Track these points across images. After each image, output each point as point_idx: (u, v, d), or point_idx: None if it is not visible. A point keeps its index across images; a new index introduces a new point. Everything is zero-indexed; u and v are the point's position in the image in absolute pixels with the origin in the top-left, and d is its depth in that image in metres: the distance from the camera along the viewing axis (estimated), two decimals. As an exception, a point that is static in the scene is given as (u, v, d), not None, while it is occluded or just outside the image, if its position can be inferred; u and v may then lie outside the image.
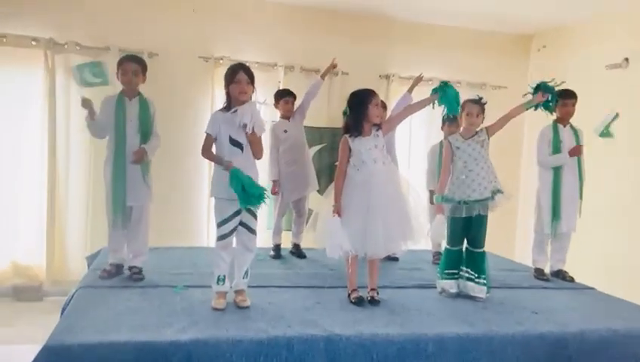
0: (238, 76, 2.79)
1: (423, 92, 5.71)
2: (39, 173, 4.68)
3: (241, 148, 2.80)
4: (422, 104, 3.30)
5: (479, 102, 3.36)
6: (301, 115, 4.21)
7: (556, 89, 3.58)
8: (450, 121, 4.09)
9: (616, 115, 3.86)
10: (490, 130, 3.38)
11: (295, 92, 4.56)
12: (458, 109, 3.32)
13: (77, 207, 4.78)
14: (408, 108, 3.36)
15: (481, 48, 5.98)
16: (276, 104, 4.26)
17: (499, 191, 3.27)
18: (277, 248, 4.19)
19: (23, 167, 4.70)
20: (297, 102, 4.29)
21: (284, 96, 4.24)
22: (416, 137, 5.85)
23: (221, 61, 5.14)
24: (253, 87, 2.87)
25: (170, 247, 3.94)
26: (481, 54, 5.98)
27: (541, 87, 3.57)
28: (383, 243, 2.93)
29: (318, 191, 4.35)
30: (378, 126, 3.08)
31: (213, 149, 2.87)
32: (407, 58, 5.79)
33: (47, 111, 4.66)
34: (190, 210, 5.09)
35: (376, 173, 3.00)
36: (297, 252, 4.22)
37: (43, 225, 4.68)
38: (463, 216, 3.27)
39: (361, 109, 3.02)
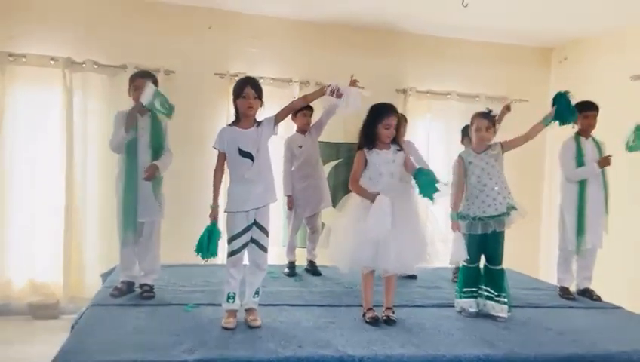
0: (246, 91, 2.77)
1: (436, 106, 5.71)
2: (57, 190, 4.71)
3: (252, 159, 2.76)
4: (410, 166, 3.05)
5: (488, 116, 3.24)
6: (317, 132, 4.15)
7: (572, 100, 3.42)
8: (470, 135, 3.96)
9: (637, 127, 3.68)
10: (505, 146, 3.26)
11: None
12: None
13: (94, 225, 4.79)
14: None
15: (500, 61, 5.88)
16: (293, 117, 4.22)
17: (513, 207, 3.15)
18: (291, 265, 4.12)
19: (41, 184, 4.73)
20: (315, 117, 4.24)
21: (302, 109, 4.19)
22: (435, 152, 5.73)
23: (237, 77, 5.13)
24: (261, 101, 2.84)
25: (183, 264, 3.89)
26: (501, 67, 5.88)
27: (554, 99, 3.43)
28: (395, 259, 2.82)
29: (333, 206, 4.28)
30: (399, 146, 2.98)
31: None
32: (424, 72, 5.73)
33: (64, 129, 4.71)
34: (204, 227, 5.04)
35: (394, 188, 2.92)
36: (312, 269, 4.13)
37: (60, 243, 4.70)
38: (479, 232, 3.16)
39: (371, 127, 2.95)
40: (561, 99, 3.38)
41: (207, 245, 2.70)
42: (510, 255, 4.99)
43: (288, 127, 4.48)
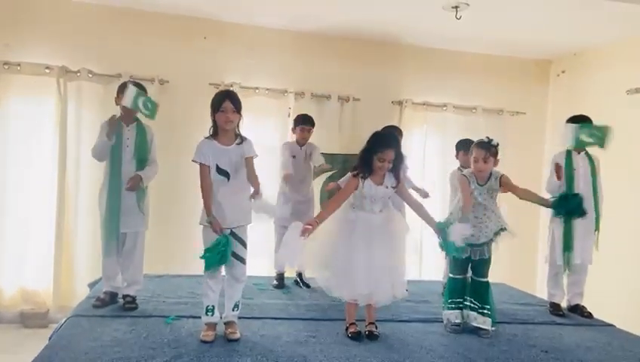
0: (224, 105, 2.72)
1: (432, 118, 5.67)
2: (48, 198, 4.71)
3: (228, 178, 2.74)
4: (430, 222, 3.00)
5: (488, 146, 3.12)
6: (311, 159, 4.17)
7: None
8: (465, 149, 3.92)
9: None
10: (504, 186, 3.17)
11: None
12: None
13: (85, 234, 4.77)
14: (419, 210, 3.01)
15: (498, 74, 5.85)
16: (294, 128, 4.22)
17: (502, 229, 3.11)
18: (280, 277, 4.09)
19: (33, 192, 4.73)
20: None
21: (302, 123, 4.18)
22: (430, 165, 5.70)
23: (232, 88, 5.14)
24: (240, 115, 2.80)
25: (168, 275, 3.88)
26: (499, 80, 5.85)
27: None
28: (389, 292, 2.84)
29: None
30: (397, 183, 2.89)
31: None
32: (421, 84, 5.71)
33: (58, 137, 4.71)
34: (193, 238, 5.03)
35: (373, 221, 2.86)
36: (301, 281, 4.10)
37: (51, 252, 4.69)
38: (466, 256, 3.13)
39: (367, 157, 2.86)
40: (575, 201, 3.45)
41: (220, 256, 2.67)
42: (507, 269, 5.00)
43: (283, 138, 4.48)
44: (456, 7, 4.36)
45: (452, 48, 5.70)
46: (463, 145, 3.99)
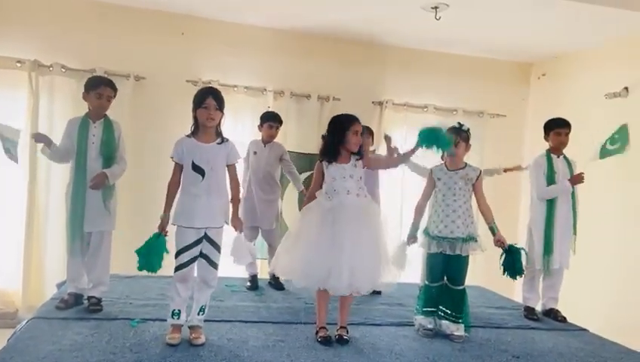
0: (207, 101, 2.69)
1: (412, 119, 5.64)
2: (18, 196, 4.59)
3: (202, 175, 2.67)
4: (409, 155, 3.04)
5: (458, 131, 3.16)
6: (280, 159, 4.12)
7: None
8: (450, 153, 3.88)
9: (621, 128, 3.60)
10: (477, 184, 3.16)
11: (285, 117, 4.47)
12: (449, 146, 3.02)
13: (55, 233, 4.62)
14: (397, 159, 3.10)
15: (479, 76, 5.83)
16: (260, 126, 4.14)
17: (472, 238, 3.07)
18: (253, 279, 4.02)
19: (2, 190, 4.60)
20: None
21: (268, 120, 4.11)
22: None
23: (209, 85, 5.06)
24: (222, 113, 2.77)
25: (138, 276, 3.77)
26: (480, 82, 5.83)
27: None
28: (347, 280, 2.70)
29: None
30: (359, 156, 2.91)
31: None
32: (402, 84, 5.66)
33: (28, 134, 4.57)
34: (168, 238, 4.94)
35: (348, 205, 2.81)
36: (275, 283, 4.03)
37: (20, 251, 4.56)
38: (433, 251, 3.10)
39: (339, 135, 2.86)
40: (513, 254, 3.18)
41: (146, 256, 2.60)
42: (486, 272, 4.96)
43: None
44: (436, 7, 4.33)
45: (433, 49, 5.67)
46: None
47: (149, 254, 2.60)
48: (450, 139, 3.05)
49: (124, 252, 4.63)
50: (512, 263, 3.11)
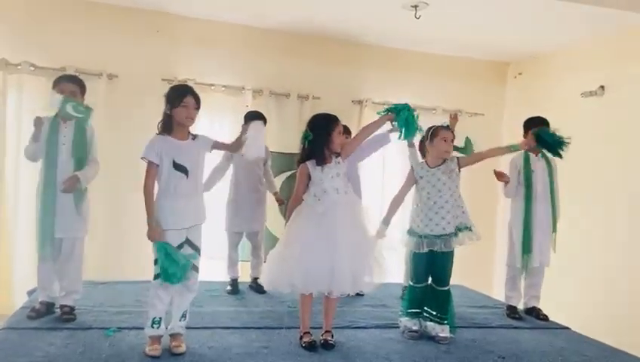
0: (187, 100, 2.60)
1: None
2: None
3: (187, 174, 2.58)
4: (376, 124, 3.03)
5: (449, 128, 3.20)
6: (264, 163, 4.03)
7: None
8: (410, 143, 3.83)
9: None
10: (461, 162, 3.17)
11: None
12: (414, 134, 3.04)
13: (25, 238, 4.44)
14: (363, 130, 3.06)
15: (457, 75, 5.85)
16: (245, 125, 4.05)
17: (466, 227, 3.05)
18: (233, 282, 3.92)
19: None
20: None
21: (252, 119, 4.03)
22: (391, 165, 5.63)
23: (185, 83, 4.93)
24: (198, 111, 2.69)
25: (112, 281, 3.65)
26: (458, 81, 5.84)
27: (540, 137, 3.42)
28: (350, 279, 2.69)
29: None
30: (338, 153, 2.87)
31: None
32: (382, 83, 5.64)
33: (-5, 135, 4.40)
34: (143, 242, 4.81)
35: (339, 204, 2.77)
36: (256, 287, 3.94)
37: (-12, 256, 4.38)
38: (425, 250, 3.05)
39: (324, 135, 2.80)
40: (546, 137, 3.37)
41: (171, 268, 2.49)
42: (465, 271, 4.97)
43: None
44: (416, 6, 4.31)
45: (413, 48, 5.66)
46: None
47: (176, 260, 2.51)
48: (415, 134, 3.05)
49: (97, 257, 4.52)
50: (551, 138, 3.29)
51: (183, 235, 2.60)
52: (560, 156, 3.48)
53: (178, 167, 2.58)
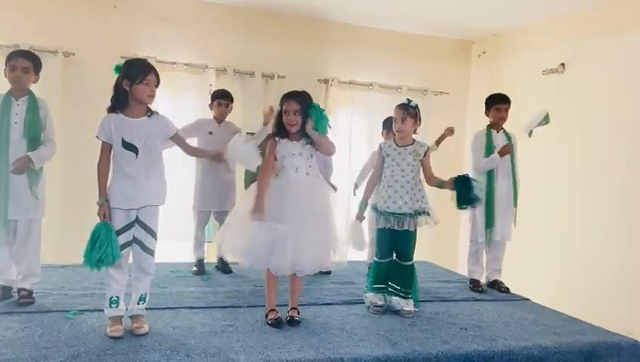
0: (149, 77, 2.52)
1: (358, 97, 5.61)
2: None
3: (136, 153, 2.51)
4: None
5: (406, 107, 3.14)
6: (233, 131, 3.93)
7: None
8: (389, 127, 3.85)
9: (546, 118, 3.72)
10: (425, 159, 3.16)
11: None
12: (326, 128, 2.82)
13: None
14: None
15: (422, 53, 5.86)
16: (210, 104, 3.99)
17: (424, 212, 3.08)
18: (199, 263, 3.88)
19: None
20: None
21: (218, 98, 3.97)
22: (357, 143, 5.64)
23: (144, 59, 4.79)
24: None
25: (74, 265, 3.56)
26: (423, 59, 5.86)
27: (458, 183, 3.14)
28: (290, 259, 2.64)
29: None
30: (310, 141, 2.80)
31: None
32: (347, 62, 5.60)
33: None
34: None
35: (296, 182, 2.76)
36: (223, 267, 3.92)
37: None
38: (380, 226, 3.10)
39: (280, 114, 2.80)
40: (464, 184, 3.13)
41: (92, 251, 2.41)
42: (431, 248, 5.07)
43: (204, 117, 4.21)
44: (380, -18, 4.27)
45: (378, 27, 5.63)
46: (389, 124, 3.94)
47: (102, 246, 2.40)
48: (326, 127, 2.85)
49: (56, 239, 4.39)
50: (467, 192, 3.07)
51: (132, 215, 2.52)
52: (465, 206, 3.21)
53: (127, 145, 2.50)
